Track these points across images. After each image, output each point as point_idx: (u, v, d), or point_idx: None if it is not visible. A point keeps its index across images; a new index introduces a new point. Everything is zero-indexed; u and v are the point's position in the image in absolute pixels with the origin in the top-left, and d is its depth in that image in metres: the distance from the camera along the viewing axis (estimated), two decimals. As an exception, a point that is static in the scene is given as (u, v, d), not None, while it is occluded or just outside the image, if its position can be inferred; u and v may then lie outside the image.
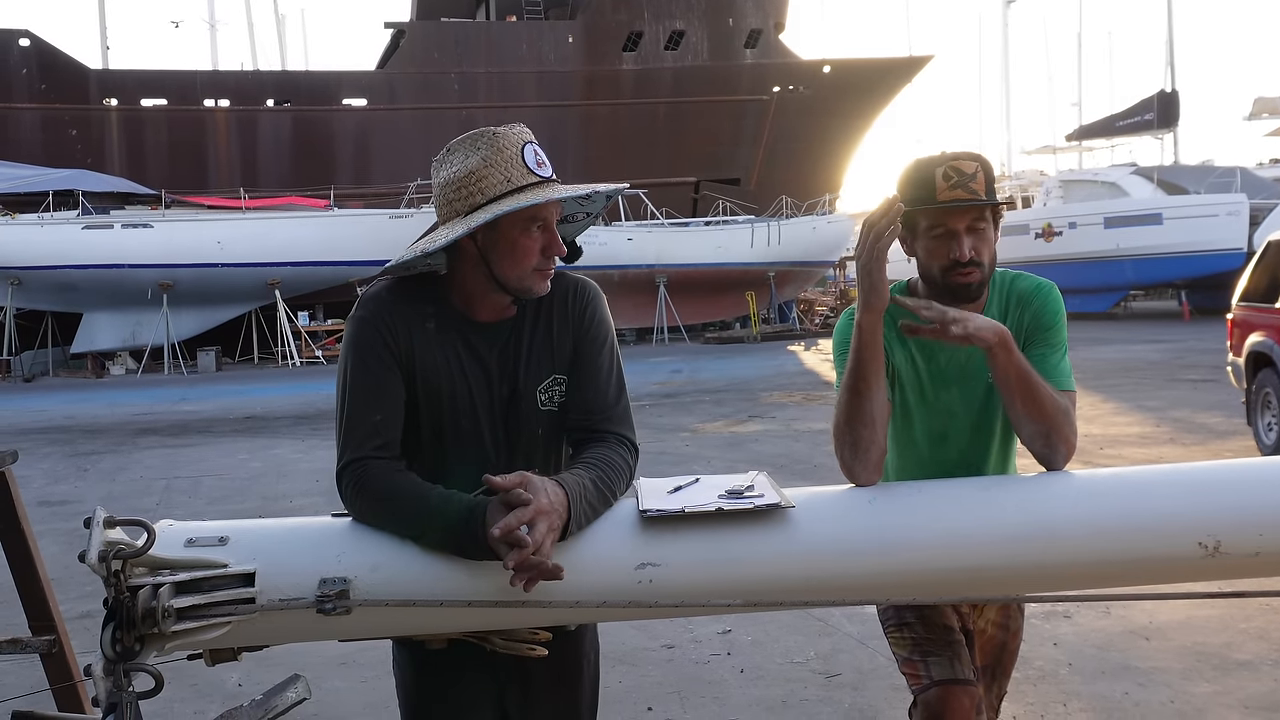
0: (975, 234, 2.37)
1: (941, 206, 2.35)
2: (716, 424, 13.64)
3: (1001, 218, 2.46)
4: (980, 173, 2.36)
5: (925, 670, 2.50)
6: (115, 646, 1.85)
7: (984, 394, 2.47)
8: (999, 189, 2.51)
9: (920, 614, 2.57)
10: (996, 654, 2.72)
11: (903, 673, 2.61)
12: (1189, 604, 5.52)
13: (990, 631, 2.71)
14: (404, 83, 36.24)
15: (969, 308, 2.40)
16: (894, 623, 2.62)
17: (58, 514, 9.28)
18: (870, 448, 2.26)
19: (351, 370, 2.17)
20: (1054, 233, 32.44)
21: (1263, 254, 9.98)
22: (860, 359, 2.27)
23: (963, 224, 2.37)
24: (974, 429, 2.51)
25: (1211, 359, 15.37)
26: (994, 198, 2.38)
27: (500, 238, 2.12)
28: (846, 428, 2.27)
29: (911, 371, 2.50)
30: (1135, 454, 10.06)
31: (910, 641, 2.56)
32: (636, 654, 5.22)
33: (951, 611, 2.60)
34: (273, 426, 15.45)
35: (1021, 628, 2.79)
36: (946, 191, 2.34)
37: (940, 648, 2.52)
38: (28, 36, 33.79)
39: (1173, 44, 39.99)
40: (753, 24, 38.91)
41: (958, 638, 2.56)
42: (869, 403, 2.27)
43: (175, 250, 26.83)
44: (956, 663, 2.50)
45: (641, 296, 29.88)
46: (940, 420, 2.51)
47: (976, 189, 2.34)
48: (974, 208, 2.36)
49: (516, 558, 1.86)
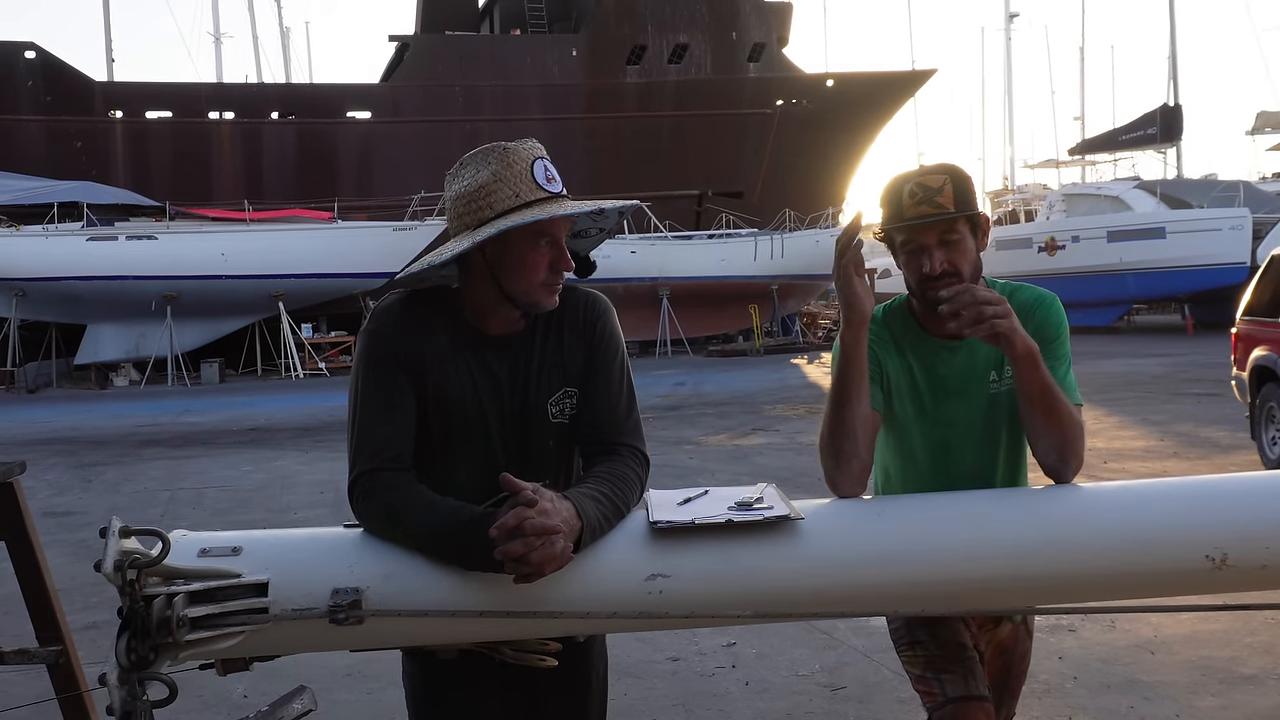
0: (947, 246, 2.36)
1: (908, 224, 2.36)
2: (720, 437, 13.65)
3: (985, 226, 2.44)
4: (948, 185, 2.35)
5: (939, 688, 2.48)
6: (130, 655, 1.86)
7: (985, 404, 2.47)
8: (1001, 200, 2.53)
9: (932, 631, 2.54)
10: (1003, 677, 2.70)
11: (916, 690, 2.57)
12: (1195, 618, 5.52)
13: (997, 655, 2.69)
14: (408, 96, 36.32)
15: None
16: (906, 640, 2.60)
17: (63, 525, 9.30)
18: (852, 459, 2.31)
19: (363, 383, 2.18)
20: (1057, 246, 32.47)
21: (1266, 268, 9.99)
22: (842, 372, 2.33)
23: (932, 238, 2.36)
24: (977, 440, 2.49)
25: (1215, 373, 15.36)
26: (966, 209, 2.36)
27: (508, 252, 2.13)
28: (829, 439, 2.33)
29: (910, 383, 2.49)
30: (1139, 468, 10.06)
31: (923, 659, 2.53)
32: (642, 667, 5.22)
33: (964, 628, 2.57)
34: (276, 438, 15.46)
35: (1030, 650, 2.77)
36: (913, 208, 2.35)
37: (954, 664, 2.49)
38: (33, 49, 33.88)
39: (1176, 58, 40.07)
40: (756, 38, 38.98)
41: (971, 654, 2.53)
42: (850, 415, 2.32)
43: (179, 262, 26.89)
44: (971, 679, 2.47)
45: (645, 309, 29.91)
46: (941, 431, 2.50)
47: (943, 202, 2.33)
48: (943, 221, 2.35)
49: (515, 518, 1.88)
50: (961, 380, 2.47)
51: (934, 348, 2.48)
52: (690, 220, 36.02)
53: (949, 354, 2.48)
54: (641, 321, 29.68)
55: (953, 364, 2.47)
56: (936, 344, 2.48)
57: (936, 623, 2.53)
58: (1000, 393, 2.47)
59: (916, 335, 2.50)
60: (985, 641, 2.66)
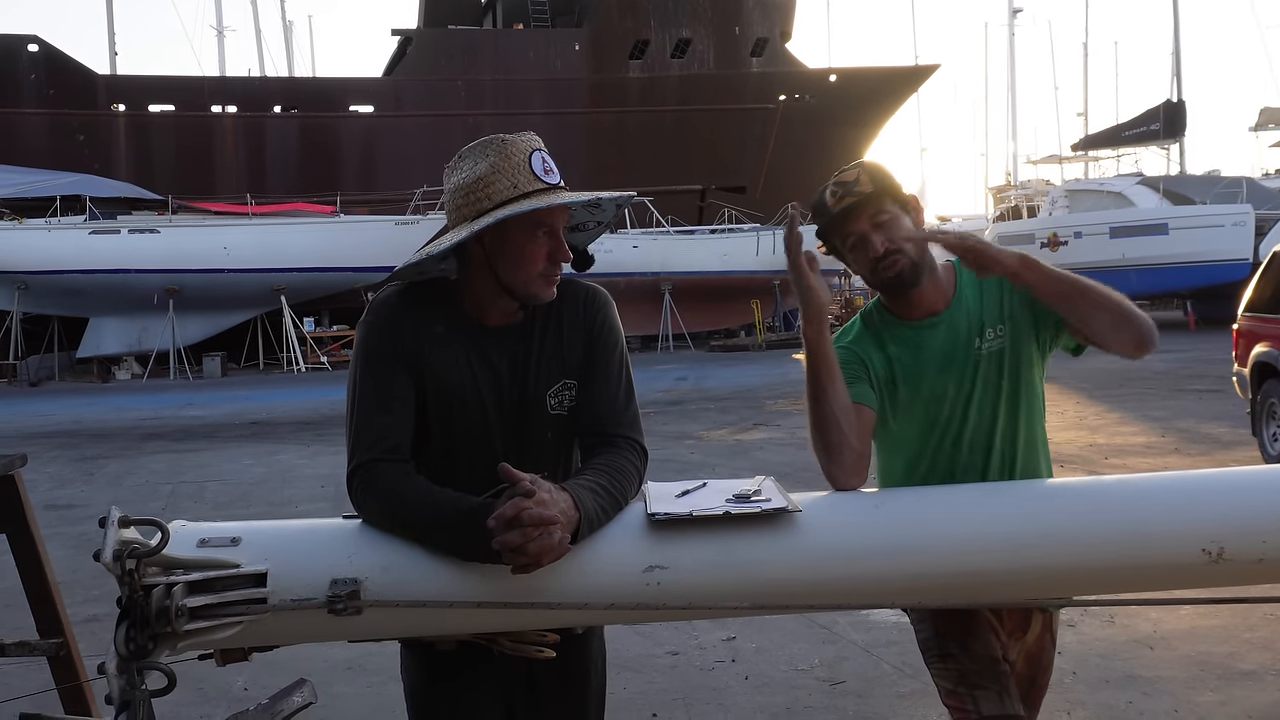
0: (882, 227, 2.43)
1: (836, 216, 2.45)
2: (721, 431, 13.65)
3: (913, 204, 2.50)
4: (862, 174, 2.45)
5: (973, 704, 2.44)
6: (129, 645, 1.87)
7: (972, 369, 2.49)
8: (1004, 195, 2.56)
9: (964, 644, 2.50)
10: (1027, 689, 2.66)
11: (946, 705, 2.53)
12: (1193, 613, 5.53)
13: (1026, 665, 2.65)
14: (411, 90, 36.29)
15: (925, 294, 2.48)
16: (936, 653, 2.54)
17: (64, 518, 9.32)
18: (843, 449, 2.32)
19: (361, 375, 2.19)
20: (1060, 242, 32.40)
21: (1268, 264, 9.97)
22: (811, 366, 2.37)
23: (864, 224, 2.43)
24: (976, 407, 2.50)
25: (1217, 369, 15.34)
26: (883, 186, 2.43)
27: (506, 243, 2.14)
28: (816, 434, 2.36)
29: (899, 370, 2.51)
30: (1140, 463, 10.05)
31: (955, 674, 2.49)
32: (641, 660, 5.22)
33: (995, 640, 2.53)
34: (278, 432, 15.47)
35: (1052, 663, 2.74)
36: (836, 204, 2.45)
37: (988, 680, 2.45)
38: (36, 42, 33.86)
39: (1179, 54, 39.97)
40: (759, 33, 38.93)
41: (1004, 669, 2.49)
42: (829, 407, 2.34)
43: (182, 256, 26.88)
44: (1006, 697, 2.44)
45: (647, 304, 29.88)
46: (935, 407, 2.51)
47: (862, 190, 2.43)
48: (868, 204, 2.42)
49: (513, 509, 1.88)
50: (946, 355, 2.50)
51: (914, 330, 2.52)
52: (693, 215, 35.99)
53: (930, 332, 2.51)
54: (643, 316, 29.66)
55: (935, 339, 2.50)
56: (915, 326, 2.52)
57: (968, 635, 2.50)
58: (987, 354, 2.49)
59: (895, 324, 2.54)
60: (1015, 651, 2.62)
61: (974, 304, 2.51)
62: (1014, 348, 2.50)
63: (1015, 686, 2.51)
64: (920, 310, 2.51)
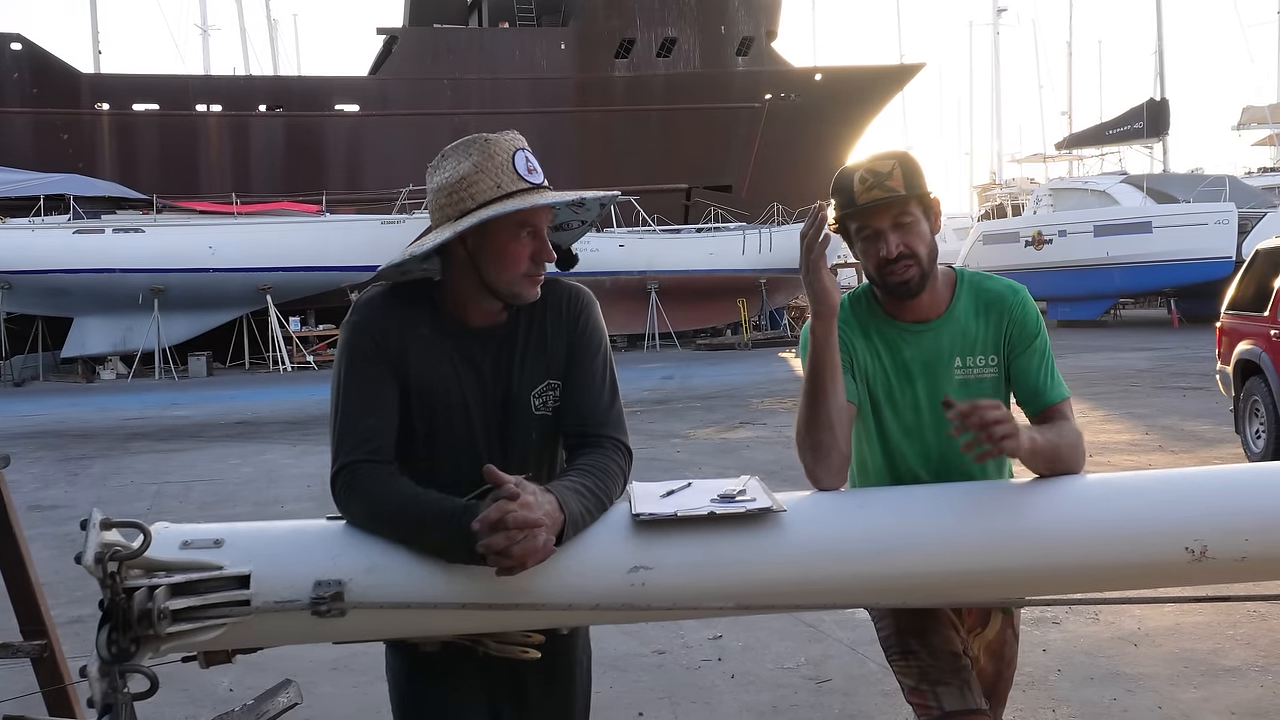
0: (901, 229, 2.39)
1: (861, 208, 2.39)
2: (707, 430, 13.66)
3: (935, 209, 2.46)
4: (897, 169, 2.38)
5: (935, 700, 2.42)
6: (111, 648, 1.86)
7: (952, 389, 2.44)
8: (988, 194, 2.55)
9: (925, 640, 2.49)
10: (994, 682, 2.67)
11: (909, 702, 2.51)
12: (1177, 611, 5.55)
13: (989, 660, 2.66)
14: (396, 89, 36.19)
15: (923, 302, 2.44)
16: (897, 650, 2.53)
17: (48, 519, 9.27)
18: (831, 452, 2.30)
19: (345, 375, 2.18)
20: (1044, 240, 32.52)
21: (1251, 262, 10.03)
22: (815, 364, 2.33)
23: (885, 222, 2.39)
24: (946, 423, 2.45)
25: (1201, 367, 15.43)
26: (916, 190, 2.39)
27: (490, 242, 2.14)
28: (806, 433, 2.33)
29: (879, 367, 2.49)
30: (1124, 461, 10.09)
31: (917, 670, 2.47)
32: (627, 659, 5.22)
33: (955, 635, 2.52)
34: (264, 432, 15.42)
35: (1017, 654, 2.75)
36: (864, 194, 2.38)
37: (949, 676, 2.44)
38: (19, 40, 33.66)
39: (1163, 53, 40.16)
40: (744, 32, 38.94)
41: (966, 664, 2.48)
42: (826, 407, 2.31)
43: (166, 255, 26.75)
44: (968, 691, 2.42)
45: (633, 303, 29.88)
46: (909, 415, 2.49)
47: (893, 186, 2.37)
48: (895, 204, 2.38)
49: (498, 512, 1.88)
50: (925, 365, 2.48)
51: (898, 332, 2.50)
52: (679, 214, 36.00)
53: (914, 337, 2.49)
54: (629, 315, 29.67)
55: (918, 347, 2.48)
56: (901, 328, 2.50)
57: (929, 631, 2.49)
58: (967, 380, 2.46)
59: (881, 320, 2.51)
60: (977, 646, 2.63)
61: (967, 323, 2.48)
62: (1000, 379, 2.48)
63: (978, 681, 2.51)
64: (911, 314, 2.48)
